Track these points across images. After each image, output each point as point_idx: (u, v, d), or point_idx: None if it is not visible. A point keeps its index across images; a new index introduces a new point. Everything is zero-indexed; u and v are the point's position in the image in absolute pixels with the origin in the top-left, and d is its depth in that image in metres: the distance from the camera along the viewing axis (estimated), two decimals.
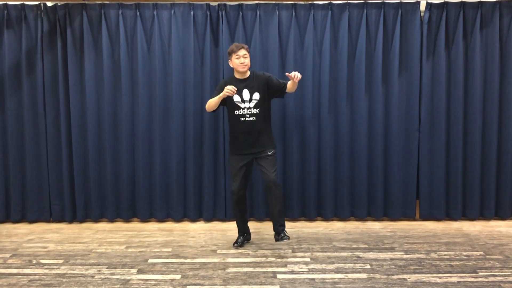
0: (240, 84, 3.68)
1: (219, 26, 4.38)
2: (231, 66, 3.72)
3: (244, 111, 3.66)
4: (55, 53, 4.39)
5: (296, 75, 3.53)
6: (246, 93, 3.67)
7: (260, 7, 4.34)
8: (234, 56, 3.64)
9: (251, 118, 3.65)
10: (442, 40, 4.36)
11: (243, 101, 3.67)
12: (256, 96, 3.67)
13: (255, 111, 3.66)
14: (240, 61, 3.63)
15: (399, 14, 4.34)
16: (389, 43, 4.39)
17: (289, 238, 3.53)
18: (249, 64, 3.69)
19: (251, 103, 3.66)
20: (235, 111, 3.67)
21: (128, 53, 4.39)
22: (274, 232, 3.60)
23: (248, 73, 3.73)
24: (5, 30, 4.35)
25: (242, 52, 3.62)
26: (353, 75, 4.42)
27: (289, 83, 3.66)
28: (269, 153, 3.66)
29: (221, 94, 3.58)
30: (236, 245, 3.79)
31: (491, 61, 4.39)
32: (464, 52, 4.39)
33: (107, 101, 4.40)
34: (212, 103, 3.68)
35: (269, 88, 3.71)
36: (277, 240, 3.55)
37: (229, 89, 3.51)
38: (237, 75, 3.71)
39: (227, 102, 3.70)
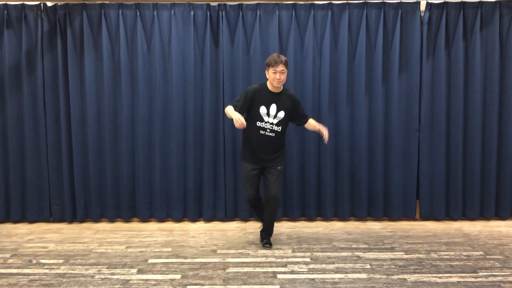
0: (271, 97, 3.62)
1: (219, 26, 4.38)
2: (267, 76, 3.60)
3: (266, 125, 3.63)
4: (55, 53, 4.39)
5: (326, 136, 3.71)
6: (273, 108, 3.62)
7: (260, 7, 4.34)
8: (271, 70, 3.52)
9: (271, 134, 3.64)
10: (442, 40, 4.36)
11: (268, 114, 3.62)
12: (282, 114, 3.64)
13: (276, 128, 3.64)
14: (276, 77, 3.52)
15: (399, 14, 4.34)
16: (389, 43, 4.39)
17: (270, 246, 3.73)
18: (284, 80, 3.59)
19: (275, 119, 3.63)
20: (257, 122, 3.62)
21: (128, 53, 4.39)
22: (260, 237, 3.82)
23: (282, 88, 3.65)
24: (5, 30, 4.35)
25: (280, 68, 3.50)
26: (353, 75, 4.42)
27: (311, 126, 3.79)
28: (278, 168, 3.69)
29: (235, 116, 3.38)
30: (265, 245, 3.76)
31: (491, 61, 4.39)
32: (464, 52, 4.40)
33: (107, 101, 4.40)
34: (226, 112, 3.56)
35: (292, 112, 3.70)
36: (261, 242, 3.80)
37: (240, 123, 3.37)
38: (269, 87, 3.63)
39: (252, 110, 3.63)
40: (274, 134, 3.65)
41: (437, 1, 4.40)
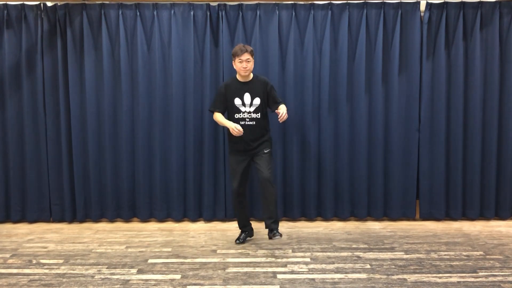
0: (242, 87, 3.70)
1: (219, 26, 4.38)
2: (235, 67, 3.71)
3: (244, 115, 3.69)
4: (55, 53, 4.39)
5: (282, 115, 3.61)
6: (247, 97, 3.69)
7: (260, 7, 4.34)
8: (237, 59, 3.62)
9: (251, 123, 3.69)
10: (442, 40, 4.36)
11: (243, 104, 3.69)
12: (257, 101, 3.70)
13: (255, 115, 3.69)
14: (243, 66, 3.61)
15: (399, 14, 4.34)
16: (389, 43, 4.39)
17: (281, 235, 3.55)
18: (251, 68, 3.68)
19: (251, 107, 3.69)
20: (235, 115, 3.71)
21: (128, 53, 4.39)
22: (267, 230, 3.63)
23: (251, 76, 3.73)
24: (5, 30, 4.35)
25: (245, 56, 3.60)
26: (353, 75, 4.42)
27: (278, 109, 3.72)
28: (265, 151, 3.72)
29: (228, 125, 3.63)
30: (238, 241, 3.82)
31: (491, 61, 4.39)
32: (464, 52, 4.39)
33: (107, 101, 4.40)
34: (217, 120, 3.78)
35: (267, 97, 3.75)
36: (270, 237, 3.57)
37: (237, 130, 3.57)
38: (239, 78, 3.73)
39: (228, 104, 3.73)
40: (254, 122, 3.69)
41: (437, 1, 4.40)
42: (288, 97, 4.37)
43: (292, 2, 4.36)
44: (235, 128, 3.60)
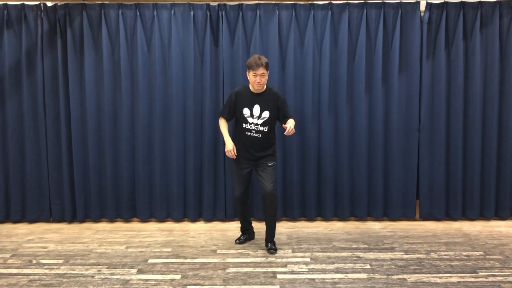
0: (253, 98, 3.63)
1: (219, 26, 4.38)
2: (248, 78, 3.62)
3: (251, 126, 3.63)
4: (55, 53, 4.39)
5: (289, 130, 3.51)
6: (256, 108, 3.62)
7: (260, 7, 4.34)
8: (251, 72, 3.53)
9: (257, 135, 3.64)
10: (442, 40, 4.36)
11: (252, 116, 3.63)
12: (266, 114, 3.64)
13: (262, 128, 3.63)
14: (257, 80, 3.53)
15: (399, 14, 4.34)
16: (389, 43, 4.40)
17: (275, 251, 3.63)
18: (265, 82, 3.59)
19: (259, 120, 3.63)
20: (243, 124, 3.66)
21: (128, 53, 4.39)
22: (265, 240, 3.75)
23: (264, 87, 3.66)
24: (5, 30, 4.35)
25: (260, 71, 3.49)
26: (353, 75, 4.42)
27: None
28: (269, 164, 3.65)
29: (225, 140, 3.66)
30: (238, 241, 3.84)
31: (491, 61, 4.40)
32: (464, 52, 4.40)
33: (107, 101, 4.40)
34: (220, 128, 3.78)
35: (277, 110, 3.69)
36: (266, 246, 3.70)
37: (231, 153, 3.61)
38: (252, 89, 3.64)
39: (237, 113, 3.69)
40: (260, 135, 3.64)
41: (437, 1, 4.40)
42: (288, 97, 4.37)
43: (292, 2, 4.36)
44: (229, 151, 3.61)
